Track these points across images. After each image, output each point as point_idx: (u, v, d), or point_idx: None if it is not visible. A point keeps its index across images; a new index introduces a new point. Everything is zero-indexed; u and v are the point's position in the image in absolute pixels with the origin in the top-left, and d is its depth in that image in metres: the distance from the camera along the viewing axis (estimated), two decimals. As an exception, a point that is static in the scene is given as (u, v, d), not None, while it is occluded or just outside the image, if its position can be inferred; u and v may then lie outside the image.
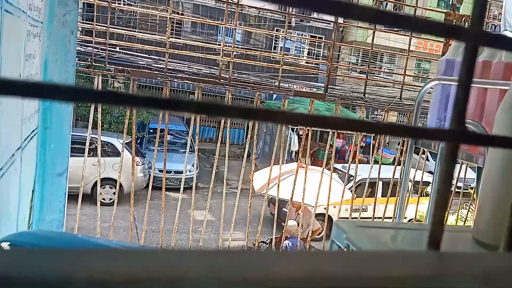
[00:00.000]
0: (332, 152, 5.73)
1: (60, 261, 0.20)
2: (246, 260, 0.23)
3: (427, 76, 13.64)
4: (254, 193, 5.42)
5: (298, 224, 6.14)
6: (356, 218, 6.82)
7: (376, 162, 9.68)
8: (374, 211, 5.00)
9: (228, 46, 5.01)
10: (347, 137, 16.13)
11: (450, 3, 5.38)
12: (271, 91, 6.13)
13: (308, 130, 5.29)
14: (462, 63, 0.31)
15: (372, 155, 5.60)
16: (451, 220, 6.47)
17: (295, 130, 13.29)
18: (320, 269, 0.23)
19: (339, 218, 5.23)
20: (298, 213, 6.33)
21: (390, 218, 5.58)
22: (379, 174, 5.29)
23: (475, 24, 0.30)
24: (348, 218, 5.53)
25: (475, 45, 0.31)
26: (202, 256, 0.23)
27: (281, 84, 5.22)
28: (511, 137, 0.34)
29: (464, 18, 4.94)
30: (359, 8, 0.26)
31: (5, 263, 0.20)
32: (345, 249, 0.79)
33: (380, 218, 5.67)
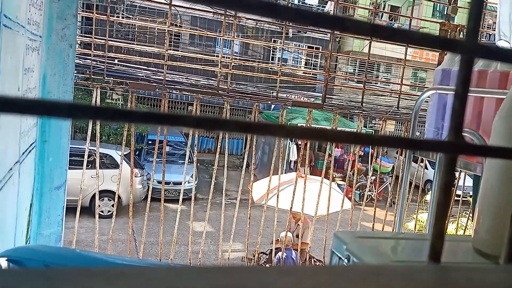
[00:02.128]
0: (330, 161, 5.72)
1: (54, 284, 0.20)
2: (246, 278, 0.22)
3: (424, 85, 13.73)
4: (253, 204, 5.40)
5: (297, 236, 6.10)
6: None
7: (375, 170, 9.69)
8: (373, 221, 4.98)
9: (226, 58, 5.05)
10: (346, 146, 16.14)
11: (445, 13, 5.44)
12: (269, 102, 6.14)
13: (307, 140, 5.30)
14: (458, 75, 0.32)
15: (371, 164, 5.60)
16: (451, 228, 6.45)
17: (293, 139, 13.31)
18: (320, 286, 0.23)
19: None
20: (298, 224, 6.30)
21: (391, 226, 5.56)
22: (377, 182, 5.29)
23: (470, 37, 0.31)
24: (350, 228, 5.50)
25: (471, 57, 0.31)
26: (201, 274, 0.22)
27: (279, 95, 5.23)
28: (508, 147, 0.34)
29: (459, 28, 4.99)
30: (356, 22, 0.26)
31: None
32: (346, 261, 0.78)
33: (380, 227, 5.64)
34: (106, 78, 4.64)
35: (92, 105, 0.23)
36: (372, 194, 12.70)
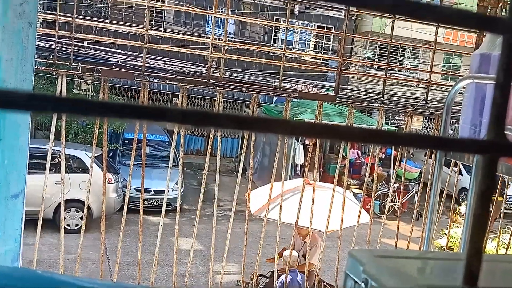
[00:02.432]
0: (345, 165, 5.74)
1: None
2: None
3: (458, 73, 13.76)
4: (251, 216, 5.40)
5: (304, 256, 6.10)
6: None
7: (398, 177, 9.71)
8: (396, 237, 4.99)
9: (219, 40, 5.05)
10: (363, 147, 16.17)
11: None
12: (270, 93, 6.16)
13: (316, 139, 5.31)
14: (499, 60, 0.32)
15: (394, 168, 5.60)
16: (490, 246, 6.46)
17: (300, 139, 13.33)
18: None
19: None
20: (305, 241, 6.30)
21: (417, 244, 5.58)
22: (401, 190, 5.30)
23: (513, 14, 0.30)
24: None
25: (515, 39, 0.31)
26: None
27: (282, 85, 5.24)
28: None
29: (501, 4, 5.00)
30: (375, -4, 0.26)
31: None
32: (362, 285, 0.79)
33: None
34: (73, 64, 4.64)
35: (57, 96, 0.23)
36: (395, 205, 12.72)
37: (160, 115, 0.27)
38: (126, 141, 12.34)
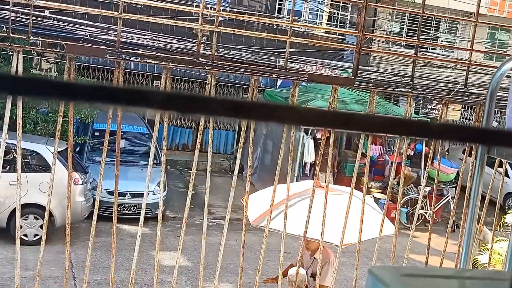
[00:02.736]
0: (364, 164, 5.74)
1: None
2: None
3: (505, 52, 13.76)
4: (249, 226, 5.41)
5: (313, 276, 6.11)
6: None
7: (430, 179, 9.70)
8: (427, 252, 5.00)
9: (211, 9, 5.04)
10: (387, 141, 16.16)
11: None
12: (274, 75, 6.15)
13: (329, 132, 5.30)
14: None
15: (425, 168, 5.61)
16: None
17: (310, 132, 13.33)
18: None
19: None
20: (315, 258, 6.31)
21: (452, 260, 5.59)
22: (433, 195, 5.31)
23: None
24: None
25: None
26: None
27: (289, 65, 5.23)
28: None
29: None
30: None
31: None
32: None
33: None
34: (31, 38, 4.63)
35: (12, 76, 0.23)
36: (425, 213, 12.74)
37: (139, 99, 0.28)
38: (97, 133, 12.34)
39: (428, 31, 17.54)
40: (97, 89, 0.26)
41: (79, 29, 6.92)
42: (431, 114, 16.57)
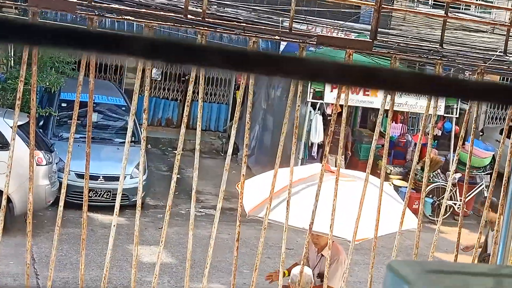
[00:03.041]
0: (383, 145, 5.75)
1: None
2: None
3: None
4: (244, 217, 5.43)
5: (321, 276, 6.17)
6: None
7: (461, 163, 9.71)
8: (457, 249, 5.04)
9: (202, -44, 4.98)
10: (409, 119, 16.15)
11: None
12: (276, 37, 6.12)
13: (341, 107, 5.30)
14: None
15: (455, 151, 5.62)
16: None
17: (318, 106, 13.31)
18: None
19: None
20: (322, 255, 6.36)
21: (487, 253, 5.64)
22: (464, 183, 5.32)
23: None
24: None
25: None
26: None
27: (294, 26, 5.21)
28: None
29: None
30: None
31: None
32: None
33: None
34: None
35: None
36: (454, 204, 12.78)
37: (117, 44, 0.28)
38: (64, 105, 12.31)
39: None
40: (64, 31, 0.27)
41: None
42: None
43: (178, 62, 0.23)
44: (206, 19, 4.82)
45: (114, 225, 4.48)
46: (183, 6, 5.04)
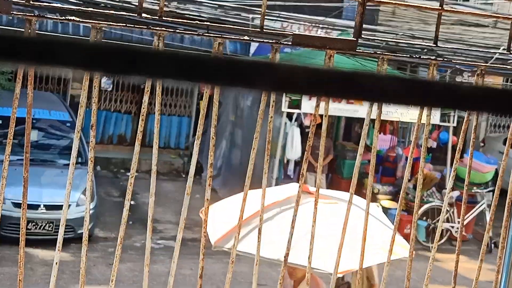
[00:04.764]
0: (369, 161, 5.78)
1: None
2: None
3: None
4: (210, 248, 5.42)
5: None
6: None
7: (459, 180, 9.77)
8: (454, 281, 5.07)
9: None
10: (400, 129, 16.26)
11: None
12: (245, 37, 6.12)
13: (321, 117, 5.31)
14: None
15: (452, 166, 5.68)
16: None
17: (294, 117, 13.36)
18: None
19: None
20: (300, 289, 6.37)
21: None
22: (463, 203, 5.35)
23: None
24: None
25: None
26: None
27: (266, 23, 5.23)
28: None
29: None
30: None
31: None
32: None
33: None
34: None
35: None
36: (452, 227, 12.87)
37: (49, 53, 0.27)
38: (-1, 122, 12.22)
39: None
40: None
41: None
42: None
43: (122, 72, 0.22)
44: (163, 18, 4.80)
45: (56, 263, 4.41)
46: (136, 4, 5.04)
